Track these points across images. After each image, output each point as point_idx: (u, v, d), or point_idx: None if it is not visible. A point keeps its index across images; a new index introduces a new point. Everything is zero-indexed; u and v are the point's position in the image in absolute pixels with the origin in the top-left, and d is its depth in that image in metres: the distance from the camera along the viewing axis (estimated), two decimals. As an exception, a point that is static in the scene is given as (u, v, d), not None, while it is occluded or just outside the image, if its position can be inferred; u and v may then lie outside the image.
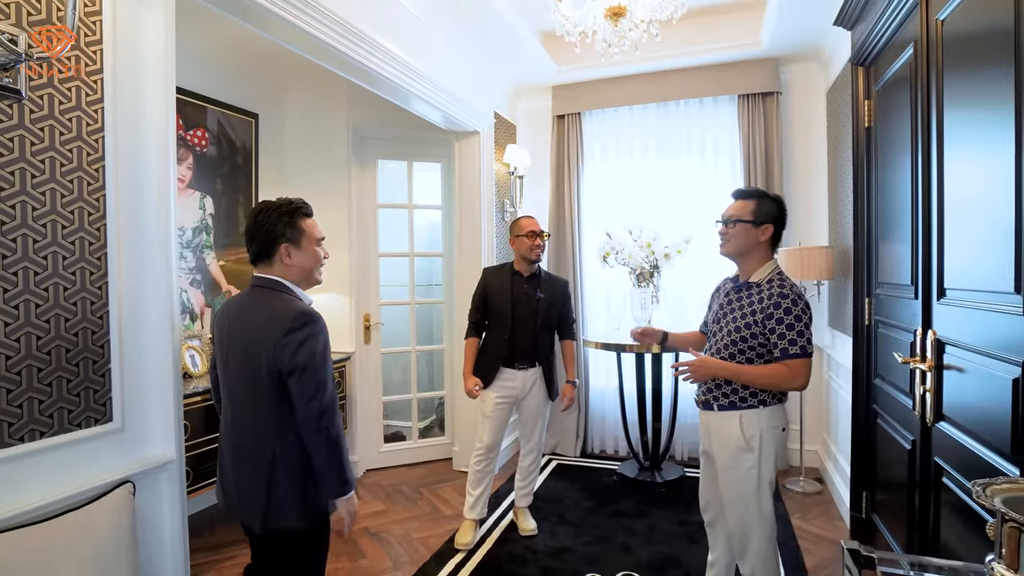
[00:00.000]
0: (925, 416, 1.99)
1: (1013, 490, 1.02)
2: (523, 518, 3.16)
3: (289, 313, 1.54)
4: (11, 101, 1.37)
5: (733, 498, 2.11)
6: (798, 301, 2.00)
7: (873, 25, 2.45)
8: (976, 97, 1.66)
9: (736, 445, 2.07)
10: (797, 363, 1.98)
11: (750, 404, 2.06)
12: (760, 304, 2.04)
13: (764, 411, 2.05)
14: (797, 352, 1.97)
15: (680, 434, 4.13)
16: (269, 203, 1.64)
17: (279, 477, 1.55)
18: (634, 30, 2.51)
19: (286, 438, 1.56)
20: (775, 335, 2.00)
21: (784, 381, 1.99)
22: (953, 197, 1.83)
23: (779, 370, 1.99)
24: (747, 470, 2.06)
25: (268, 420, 1.55)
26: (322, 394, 1.52)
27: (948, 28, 1.85)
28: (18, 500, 1.36)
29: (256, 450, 1.57)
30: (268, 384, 1.54)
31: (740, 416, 2.06)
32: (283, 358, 1.51)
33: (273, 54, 3.58)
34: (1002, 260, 1.49)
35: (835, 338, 3.57)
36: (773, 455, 2.08)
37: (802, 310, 2.00)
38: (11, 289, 1.37)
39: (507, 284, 3.04)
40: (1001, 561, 0.96)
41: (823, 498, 3.54)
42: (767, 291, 2.04)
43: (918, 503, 2.10)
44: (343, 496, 1.58)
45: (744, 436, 2.05)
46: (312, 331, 1.53)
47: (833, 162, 3.66)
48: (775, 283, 2.05)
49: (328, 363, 1.57)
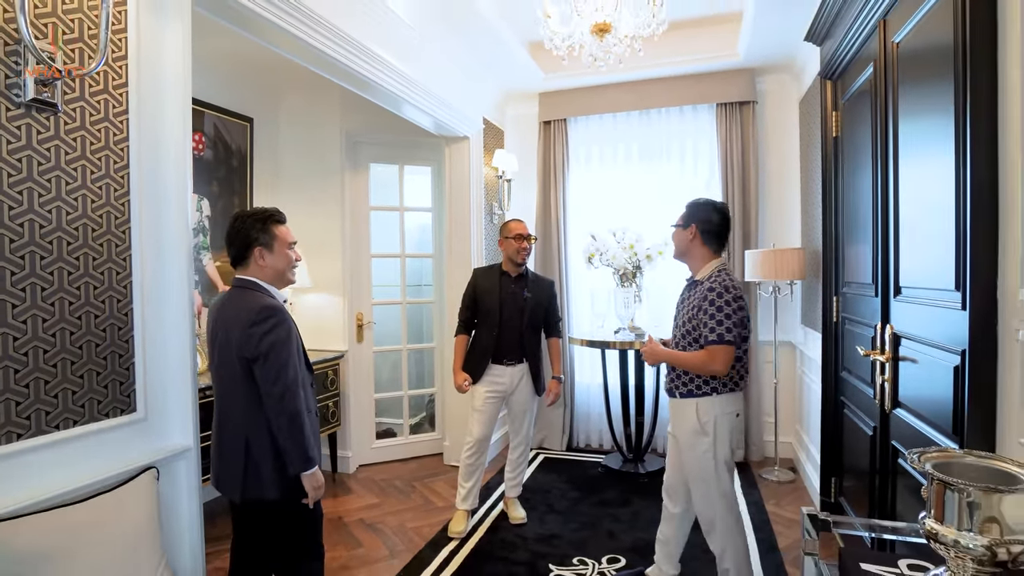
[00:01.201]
0: (884, 404, 2.18)
1: (942, 457, 1.19)
2: (513, 507, 3.31)
3: (255, 307, 1.73)
4: (48, 114, 1.48)
5: (695, 479, 2.32)
6: (724, 294, 2.20)
7: (839, 43, 2.64)
8: (924, 111, 1.85)
9: (692, 428, 2.29)
10: (715, 349, 2.17)
11: (705, 392, 2.27)
12: (697, 298, 2.29)
13: (718, 398, 2.26)
14: (714, 339, 2.18)
15: (662, 428, 4.30)
16: (244, 212, 1.86)
17: (254, 453, 1.75)
18: (618, 45, 2.67)
19: (258, 419, 1.75)
20: (703, 325, 2.23)
21: (703, 365, 2.20)
22: (906, 202, 2.02)
23: (700, 355, 2.22)
24: (703, 453, 2.27)
25: (241, 403, 1.75)
26: (283, 378, 1.70)
27: (903, 49, 2.03)
28: (55, 483, 1.47)
29: (234, 430, 1.77)
30: (239, 371, 1.73)
31: (697, 403, 2.28)
32: (248, 347, 1.70)
33: (268, 60, 3.68)
34: (945, 260, 1.68)
35: (807, 334, 3.77)
36: (728, 438, 2.29)
37: (727, 302, 2.19)
38: (47, 288, 1.49)
39: (496, 284, 3.20)
40: (931, 516, 1.13)
41: (796, 486, 3.74)
42: (705, 286, 2.27)
43: (878, 484, 2.29)
44: (306, 472, 1.76)
45: (700, 421, 2.27)
46: (274, 323, 1.72)
47: (805, 168, 3.87)
48: (714, 279, 2.27)
49: (290, 351, 1.75)
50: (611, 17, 2.57)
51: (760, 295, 4.20)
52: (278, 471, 1.76)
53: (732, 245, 4.15)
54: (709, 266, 2.34)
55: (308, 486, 1.78)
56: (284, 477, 1.77)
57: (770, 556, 2.82)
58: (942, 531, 1.10)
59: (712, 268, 2.33)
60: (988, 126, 1.49)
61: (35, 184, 1.45)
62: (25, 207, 1.43)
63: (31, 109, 1.44)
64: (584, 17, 2.57)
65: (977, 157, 1.50)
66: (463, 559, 2.86)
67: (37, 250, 1.46)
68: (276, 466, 1.76)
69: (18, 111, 1.41)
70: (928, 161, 1.83)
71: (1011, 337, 1.42)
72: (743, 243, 4.13)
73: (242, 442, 1.75)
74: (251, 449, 1.75)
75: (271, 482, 1.76)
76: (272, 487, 1.76)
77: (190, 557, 1.86)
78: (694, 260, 2.39)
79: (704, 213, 2.36)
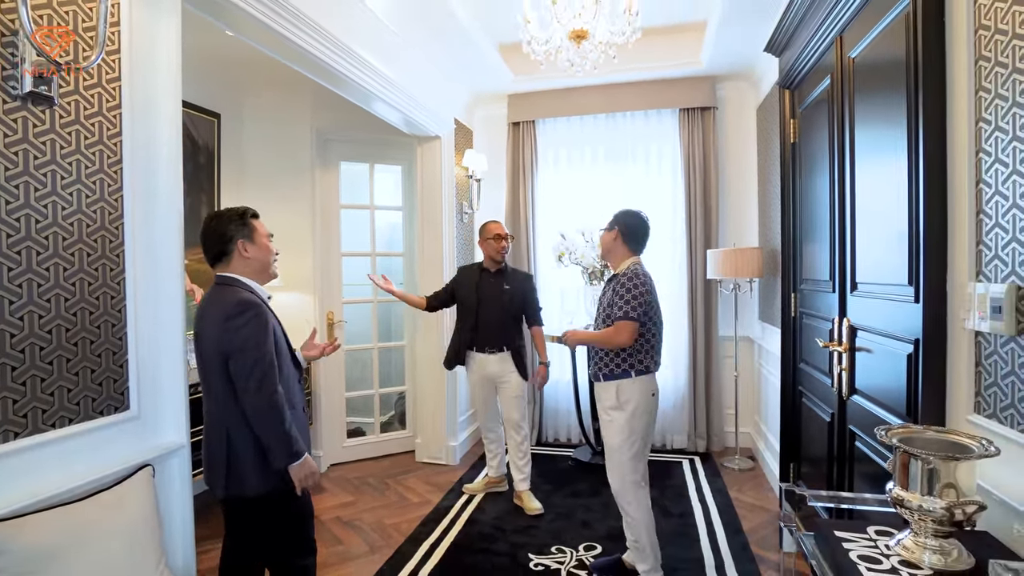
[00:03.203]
0: (841, 391, 2.36)
1: (905, 432, 1.34)
2: (527, 499, 3.42)
3: (231, 302, 1.72)
4: (44, 107, 1.46)
5: (608, 448, 2.56)
6: (632, 279, 2.50)
7: (797, 55, 2.82)
8: (879, 123, 2.03)
9: (611, 404, 2.55)
10: (620, 324, 2.46)
11: (622, 373, 2.52)
12: (613, 288, 2.57)
13: (637, 379, 2.52)
14: (620, 316, 2.46)
15: (629, 421, 4.45)
16: (219, 211, 1.86)
17: (236, 448, 1.74)
18: (594, 51, 2.77)
19: (236, 414, 1.73)
20: (614, 306, 2.51)
21: (611, 337, 2.48)
22: (863, 204, 2.19)
23: (608, 330, 2.51)
24: (618, 425, 2.52)
25: (222, 398, 1.74)
26: (256, 372, 1.68)
27: (859, 64, 2.21)
28: (53, 482, 1.45)
29: (217, 425, 1.76)
30: (218, 366, 1.72)
31: (617, 384, 2.53)
32: (224, 342, 1.69)
33: (236, 55, 3.62)
34: (899, 258, 1.85)
35: (765, 329, 3.99)
36: (645, 416, 2.53)
37: (634, 285, 2.48)
38: (44, 284, 1.46)
39: (474, 279, 3.47)
40: (897, 484, 1.27)
41: (756, 473, 3.95)
42: (621, 279, 2.55)
43: (836, 468, 2.47)
44: (293, 464, 1.74)
45: (619, 400, 2.52)
46: (249, 316, 1.71)
47: (763, 172, 4.09)
48: (628, 272, 2.56)
49: (266, 345, 1.73)
50: (589, 24, 2.67)
51: (721, 292, 4.40)
52: (259, 466, 1.74)
53: (695, 244, 4.34)
54: (625, 263, 2.62)
55: (297, 476, 1.75)
56: (266, 472, 1.75)
57: (736, 537, 2.99)
58: (907, 497, 1.24)
59: (627, 264, 2.61)
60: (937, 133, 1.66)
61: (31, 178, 1.43)
62: (22, 201, 1.41)
63: (27, 102, 1.41)
64: (563, 23, 2.67)
65: (929, 162, 1.67)
66: (444, 552, 2.91)
67: (33, 245, 1.44)
68: (257, 461, 1.74)
69: (15, 104, 1.39)
70: (882, 166, 2.00)
71: (959, 326, 1.58)
72: (704, 243, 4.32)
73: (223, 438, 1.74)
74: (232, 445, 1.74)
75: (252, 477, 1.75)
76: (252, 482, 1.75)
77: (182, 555, 1.85)
78: (615, 258, 2.67)
79: (625, 218, 2.67)
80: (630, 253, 2.65)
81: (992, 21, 1.43)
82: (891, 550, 1.28)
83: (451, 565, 2.78)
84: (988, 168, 1.45)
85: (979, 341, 1.50)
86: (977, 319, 1.47)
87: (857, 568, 1.21)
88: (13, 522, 1.29)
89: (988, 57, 1.44)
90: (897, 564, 1.22)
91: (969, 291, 1.51)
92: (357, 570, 2.77)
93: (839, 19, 2.32)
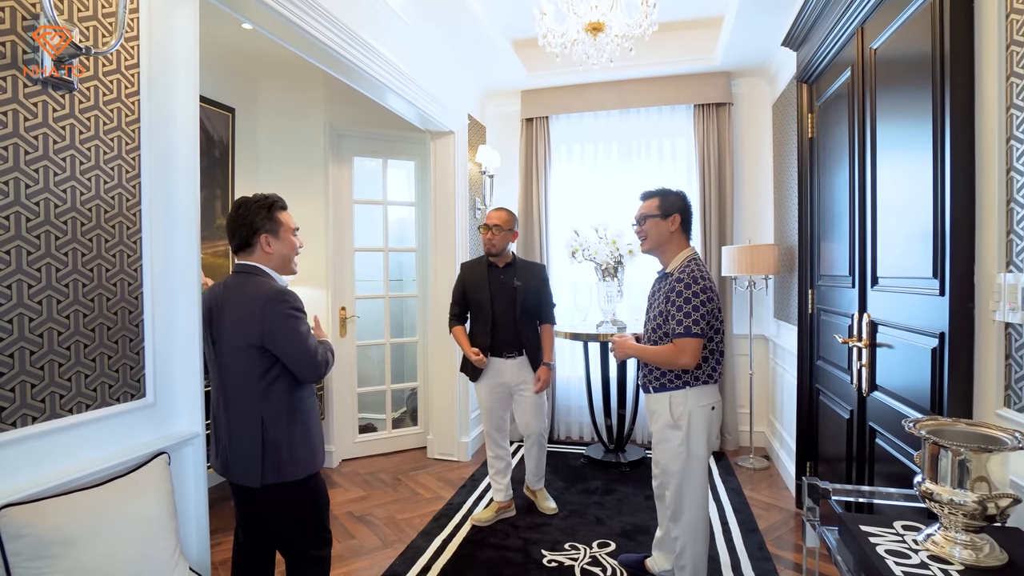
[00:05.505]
0: (861, 388, 2.32)
1: (934, 425, 1.30)
2: (542, 499, 3.34)
3: (267, 292, 1.72)
4: (64, 92, 1.46)
5: (667, 471, 2.30)
6: (691, 285, 2.16)
7: (816, 49, 2.78)
8: (902, 114, 1.99)
9: (665, 422, 2.26)
10: (682, 342, 2.14)
11: (677, 385, 2.24)
12: (666, 290, 2.25)
13: (691, 391, 2.22)
14: (681, 332, 2.14)
15: (642, 419, 4.41)
16: (248, 198, 1.84)
17: (270, 437, 1.73)
18: (610, 44, 2.75)
19: (271, 403, 1.74)
20: (671, 317, 2.19)
21: (672, 358, 2.16)
22: (884, 197, 2.15)
23: (667, 349, 2.18)
24: (676, 447, 2.24)
25: (256, 388, 1.73)
26: (314, 352, 1.75)
27: (880, 55, 2.17)
28: (69, 467, 1.45)
29: (249, 416, 1.74)
30: (255, 356, 1.71)
31: (670, 397, 2.25)
32: (265, 332, 1.68)
33: (251, 50, 3.64)
34: (923, 251, 1.81)
35: (780, 327, 3.94)
36: (704, 432, 2.24)
37: (694, 293, 2.15)
38: (62, 269, 1.46)
39: (484, 276, 3.15)
40: (926, 477, 1.24)
41: (770, 472, 3.90)
42: (674, 277, 2.23)
43: (855, 464, 2.43)
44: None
45: (672, 415, 2.24)
46: (295, 303, 1.74)
47: (778, 168, 4.04)
48: (683, 270, 2.22)
49: (309, 329, 1.78)
50: (605, 16, 2.65)
51: (736, 289, 4.36)
52: (291, 453, 1.75)
53: (709, 241, 4.30)
54: (679, 257, 2.30)
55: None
56: (297, 458, 1.76)
57: (752, 536, 2.95)
58: (937, 490, 1.21)
59: (682, 259, 2.28)
60: (965, 121, 1.62)
61: (51, 163, 1.43)
62: (41, 185, 1.41)
63: (47, 86, 1.42)
64: (580, 16, 2.65)
65: (955, 151, 1.63)
66: (456, 547, 2.89)
67: (52, 230, 1.44)
68: (290, 448, 1.75)
69: (35, 87, 1.39)
70: (906, 157, 1.96)
71: (987, 319, 1.55)
72: (719, 239, 4.28)
73: (257, 427, 1.72)
74: (266, 432, 1.72)
75: (291, 464, 1.75)
76: (291, 469, 1.75)
77: (196, 544, 1.84)
78: (668, 253, 2.33)
79: (683, 202, 2.33)
80: (686, 244, 2.33)
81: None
82: (919, 545, 1.25)
83: (464, 560, 2.76)
84: (1021, 155, 1.41)
85: (1009, 333, 1.47)
86: (1007, 310, 1.43)
87: (885, 562, 1.18)
88: (29, 506, 1.29)
89: (1021, 42, 1.41)
90: (927, 559, 1.19)
91: (999, 282, 1.48)
92: (370, 564, 2.76)
93: (860, 10, 2.28)
